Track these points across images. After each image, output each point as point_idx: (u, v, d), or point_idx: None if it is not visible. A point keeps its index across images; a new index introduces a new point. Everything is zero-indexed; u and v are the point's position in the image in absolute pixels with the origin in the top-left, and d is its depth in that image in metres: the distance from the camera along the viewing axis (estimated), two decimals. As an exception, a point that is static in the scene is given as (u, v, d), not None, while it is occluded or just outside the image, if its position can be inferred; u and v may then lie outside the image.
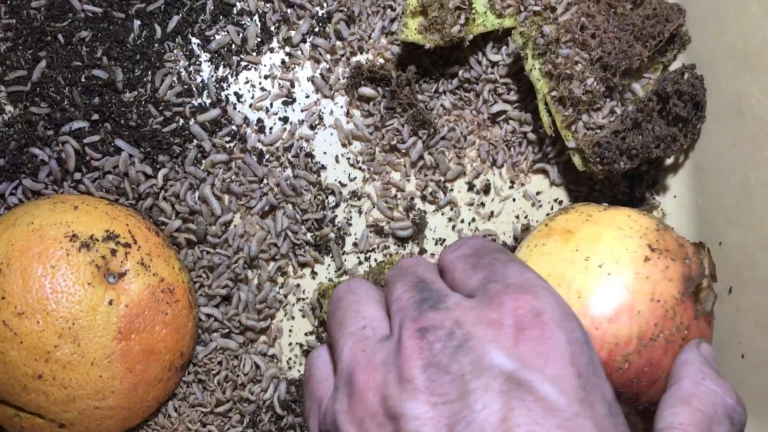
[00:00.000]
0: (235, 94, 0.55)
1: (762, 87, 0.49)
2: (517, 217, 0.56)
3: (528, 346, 0.33)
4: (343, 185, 0.55)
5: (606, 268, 0.44)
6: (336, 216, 0.55)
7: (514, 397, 0.31)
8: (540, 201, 0.56)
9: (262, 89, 0.55)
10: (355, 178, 0.55)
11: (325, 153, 0.55)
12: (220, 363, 0.54)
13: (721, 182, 0.53)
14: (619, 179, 0.56)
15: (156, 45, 0.54)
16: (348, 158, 0.55)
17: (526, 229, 0.56)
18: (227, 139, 0.54)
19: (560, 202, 0.56)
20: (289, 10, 0.55)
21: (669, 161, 0.56)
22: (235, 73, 0.55)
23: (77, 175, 0.52)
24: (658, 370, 0.43)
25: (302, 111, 0.55)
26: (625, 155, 0.52)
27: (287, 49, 0.55)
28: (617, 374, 0.43)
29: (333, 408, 0.35)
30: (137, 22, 0.54)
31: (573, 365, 0.33)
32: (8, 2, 0.53)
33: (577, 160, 0.53)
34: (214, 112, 0.54)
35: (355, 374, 0.35)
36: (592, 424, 0.31)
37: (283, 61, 0.55)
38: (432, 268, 0.40)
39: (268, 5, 0.55)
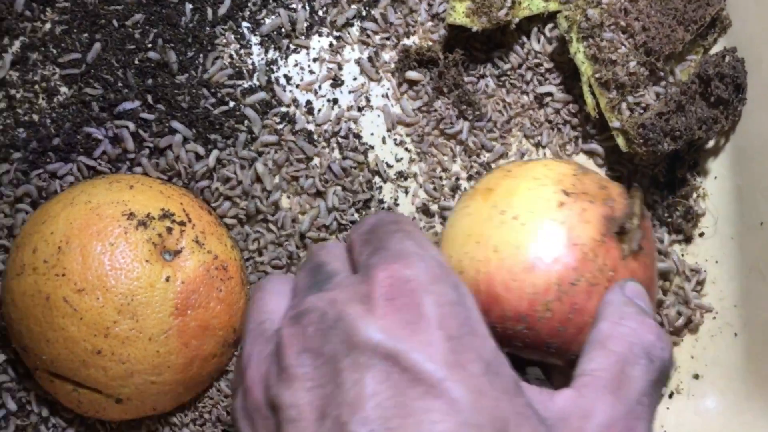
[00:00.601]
0: (285, 76, 0.56)
1: (804, 69, 0.50)
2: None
3: (396, 316, 0.32)
4: (390, 166, 0.56)
5: (520, 220, 0.44)
6: (383, 196, 0.56)
7: (382, 370, 0.31)
8: (582, 182, 0.57)
9: (311, 72, 0.56)
10: (402, 159, 0.56)
11: (372, 134, 0.56)
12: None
13: (761, 164, 0.54)
14: (660, 160, 0.57)
15: (208, 28, 0.55)
16: (395, 139, 0.56)
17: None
18: (277, 120, 0.55)
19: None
20: (337, -7, 0.56)
21: (710, 143, 0.57)
22: (284, 56, 0.56)
23: (131, 155, 0.53)
24: (583, 315, 0.42)
25: (350, 93, 0.56)
26: (669, 137, 0.53)
27: (335, 32, 0.56)
28: (541, 324, 0.43)
29: (233, 405, 0.36)
30: (189, 6, 0.55)
31: (442, 329, 0.32)
32: (64, -15, 0.54)
33: (621, 141, 0.54)
34: (264, 95, 0.55)
35: (246, 370, 0.35)
36: (461, 387, 0.30)
37: (331, 44, 0.56)
38: (339, 250, 0.39)
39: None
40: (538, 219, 0.44)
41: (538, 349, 0.44)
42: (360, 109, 0.56)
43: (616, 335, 0.38)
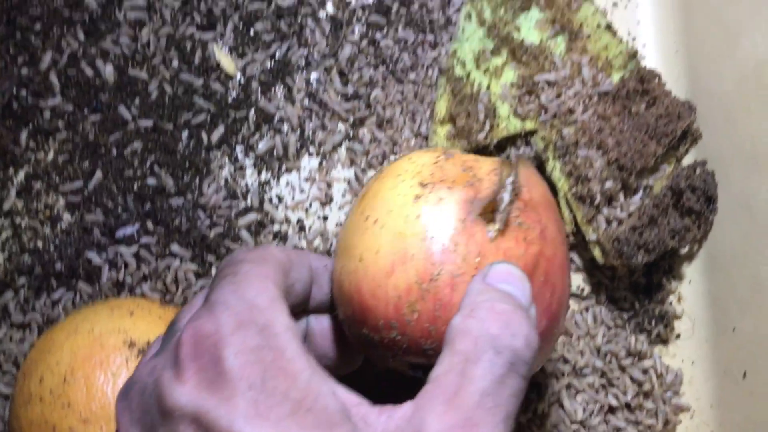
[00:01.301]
0: (277, 196, 0.59)
1: (770, 187, 0.53)
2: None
3: (199, 375, 0.32)
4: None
5: (379, 223, 0.42)
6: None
7: None
8: (563, 288, 0.60)
9: (302, 191, 0.59)
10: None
11: (361, 250, 0.59)
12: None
13: (734, 272, 0.57)
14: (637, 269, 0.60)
15: (203, 153, 0.58)
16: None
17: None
18: (270, 238, 0.58)
19: (582, 290, 0.60)
20: (325, 119, 0.59)
21: (684, 249, 0.60)
22: (276, 177, 0.59)
23: (131, 278, 0.56)
24: (451, 310, 0.39)
25: (339, 209, 0.59)
26: (642, 249, 0.56)
27: (324, 152, 0.59)
28: (411, 327, 0.40)
29: None
30: (185, 132, 0.58)
31: (242, 379, 0.32)
32: (65, 118, 0.57)
33: (597, 253, 0.57)
34: (257, 216, 0.57)
35: None
36: (268, 427, 0.31)
37: (320, 164, 0.59)
38: (198, 301, 0.39)
39: (306, 112, 0.59)
40: (393, 218, 0.41)
41: (418, 353, 0.41)
42: (349, 226, 0.59)
43: (463, 330, 0.35)
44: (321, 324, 0.46)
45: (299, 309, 0.44)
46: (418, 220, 0.41)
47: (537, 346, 0.35)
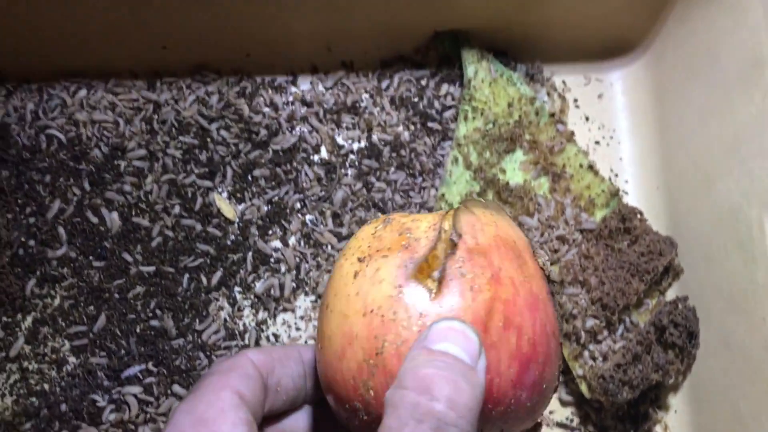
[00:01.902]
0: (273, 335, 0.61)
1: (747, 328, 0.55)
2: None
3: None
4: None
5: (330, 307, 0.41)
6: None
7: None
8: (553, 418, 0.62)
9: (297, 329, 0.61)
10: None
11: (355, 386, 0.61)
12: None
13: (716, 405, 0.59)
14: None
15: (203, 295, 0.60)
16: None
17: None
18: (267, 377, 0.60)
19: (571, 420, 0.62)
20: (319, 258, 0.61)
21: (669, 381, 0.62)
22: (273, 316, 0.61)
23: (133, 421, 0.58)
24: None
25: (334, 346, 0.61)
26: (627, 386, 0.58)
27: (318, 291, 0.61)
28: (373, 406, 0.39)
29: None
30: (186, 276, 0.60)
31: None
32: (71, 265, 0.60)
33: (584, 388, 0.59)
34: (256, 355, 0.60)
35: None
36: None
37: (315, 303, 0.61)
38: None
39: (301, 253, 0.61)
40: (338, 300, 0.41)
41: None
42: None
43: (390, 403, 0.34)
44: (324, 411, 0.47)
45: (299, 400, 0.46)
46: (357, 297, 0.40)
47: (471, 402, 0.34)
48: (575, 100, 0.66)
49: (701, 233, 0.60)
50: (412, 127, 0.64)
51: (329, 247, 0.61)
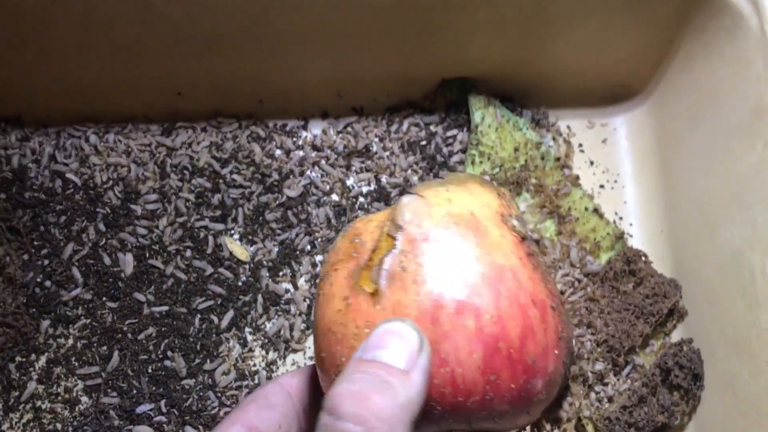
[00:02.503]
0: (283, 375, 0.62)
1: (751, 371, 0.56)
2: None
3: None
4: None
5: (314, 331, 0.40)
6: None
7: None
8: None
9: (307, 370, 0.62)
10: None
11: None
12: None
13: (722, 447, 0.59)
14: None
15: (214, 335, 0.61)
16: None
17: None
18: (277, 417, 0.61)
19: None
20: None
21: (675, 422, 0.62)
22: (283, 357, 0.62)
23: (144, 458, 0.59)
24: None
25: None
26: (633, 428, 0.58)
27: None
28: None
29: None
30: (198, 317, 0.61)
31: None
32: (85, 306, 0.61)
33: (590, 429, 0.60)
34: (265, 396, 0.60)
35: None
36: None
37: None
38: None
39: (310, 296, 0.62)
40: (316, 322, 0.39)
41: None
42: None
43: (317, 426, 0.33)
44: None
45: None
46: (319, 318, 0.38)
47: (390, 410, 0.32)
48: (580, 145, 0.68)
49: (705, 277, 0.61)
50: (420, 171, 0.65)
51: (339, 288, 0.62)
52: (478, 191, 0.40)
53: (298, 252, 0.63)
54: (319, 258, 0.63)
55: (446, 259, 0.36)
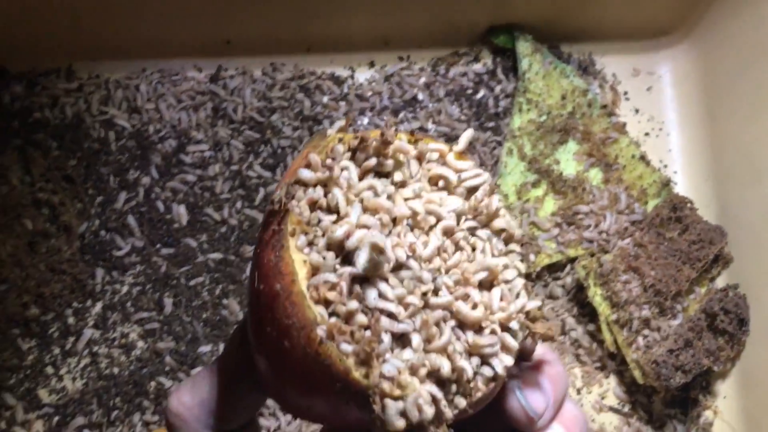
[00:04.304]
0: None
1: (798, 315, 0.57)
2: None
3: None
4: None
5: None
6: None
7: None
8: (605, 403, 0.63)
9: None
10: None
11: None
12: None
13: (765, 390, 0.60)
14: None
15: (265, 282, 0.62)
16: None
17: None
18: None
19: (622, 405, 0.63)
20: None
21: (718, 368, 0.63)
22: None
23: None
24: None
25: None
26: (680, 371, 0.59)
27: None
28: None
29: None
30: (250, 264, 0.62)
31: None
32: (139, 253, 0.62)
33: (637, 374, 0.60)
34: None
35: None
36: None
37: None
38: None
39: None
40: None
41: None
42: None
43: None
44: None
45: None
46: None
47: None
48: (625, 93, 0.68)
49: (751, 223, 0.61)
50: (466, 120, 0.65)
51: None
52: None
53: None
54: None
55: None
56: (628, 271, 0.61)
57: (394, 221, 0.27)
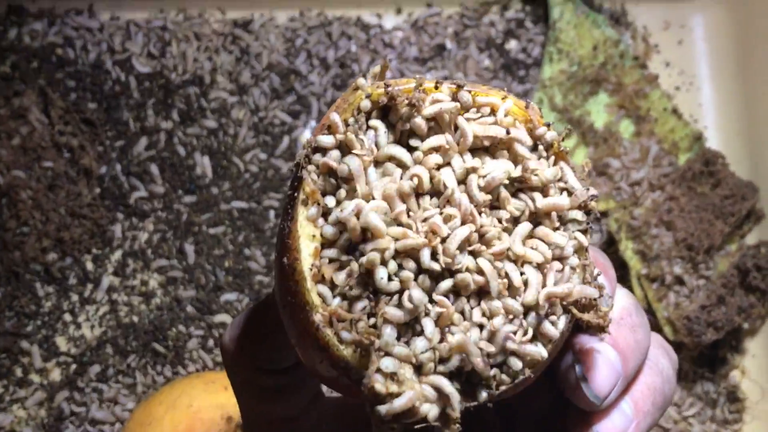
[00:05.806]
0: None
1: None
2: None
3: None
4: None
5: None
6: None
7: None
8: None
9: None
10: None
11: None
12: None
13: (797, 348, 0.59)
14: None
15: (288, 232, 0.61)
16: None
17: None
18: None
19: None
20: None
21: (747, 325, 0.62)
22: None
23: (218, 351, 0.58)
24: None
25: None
26: (711, 327, 0.58)
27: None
28: None
29: None
30: (272, 212, 0.61)
31: None
32: (160, 199, 0.60)
33: (668, 330, 0.59)
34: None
35: None
36: None
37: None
38: None
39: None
40: None
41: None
42: None
43: None
44: None
45: None
46: None
47: None
48: (656, 46, 0.66)
49: (784, 178, 0.60)
50: (496, 68, 0.64)
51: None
52: None
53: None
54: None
55: None
56: (659, 225, 0.60)
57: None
